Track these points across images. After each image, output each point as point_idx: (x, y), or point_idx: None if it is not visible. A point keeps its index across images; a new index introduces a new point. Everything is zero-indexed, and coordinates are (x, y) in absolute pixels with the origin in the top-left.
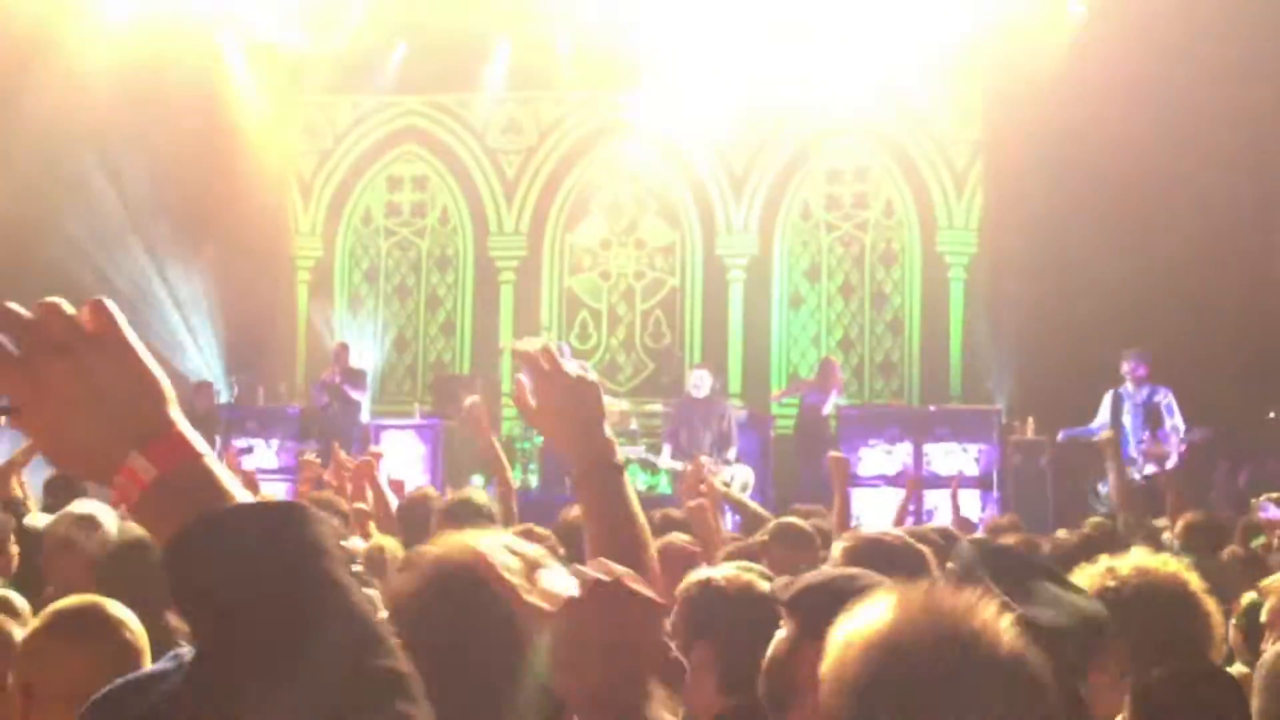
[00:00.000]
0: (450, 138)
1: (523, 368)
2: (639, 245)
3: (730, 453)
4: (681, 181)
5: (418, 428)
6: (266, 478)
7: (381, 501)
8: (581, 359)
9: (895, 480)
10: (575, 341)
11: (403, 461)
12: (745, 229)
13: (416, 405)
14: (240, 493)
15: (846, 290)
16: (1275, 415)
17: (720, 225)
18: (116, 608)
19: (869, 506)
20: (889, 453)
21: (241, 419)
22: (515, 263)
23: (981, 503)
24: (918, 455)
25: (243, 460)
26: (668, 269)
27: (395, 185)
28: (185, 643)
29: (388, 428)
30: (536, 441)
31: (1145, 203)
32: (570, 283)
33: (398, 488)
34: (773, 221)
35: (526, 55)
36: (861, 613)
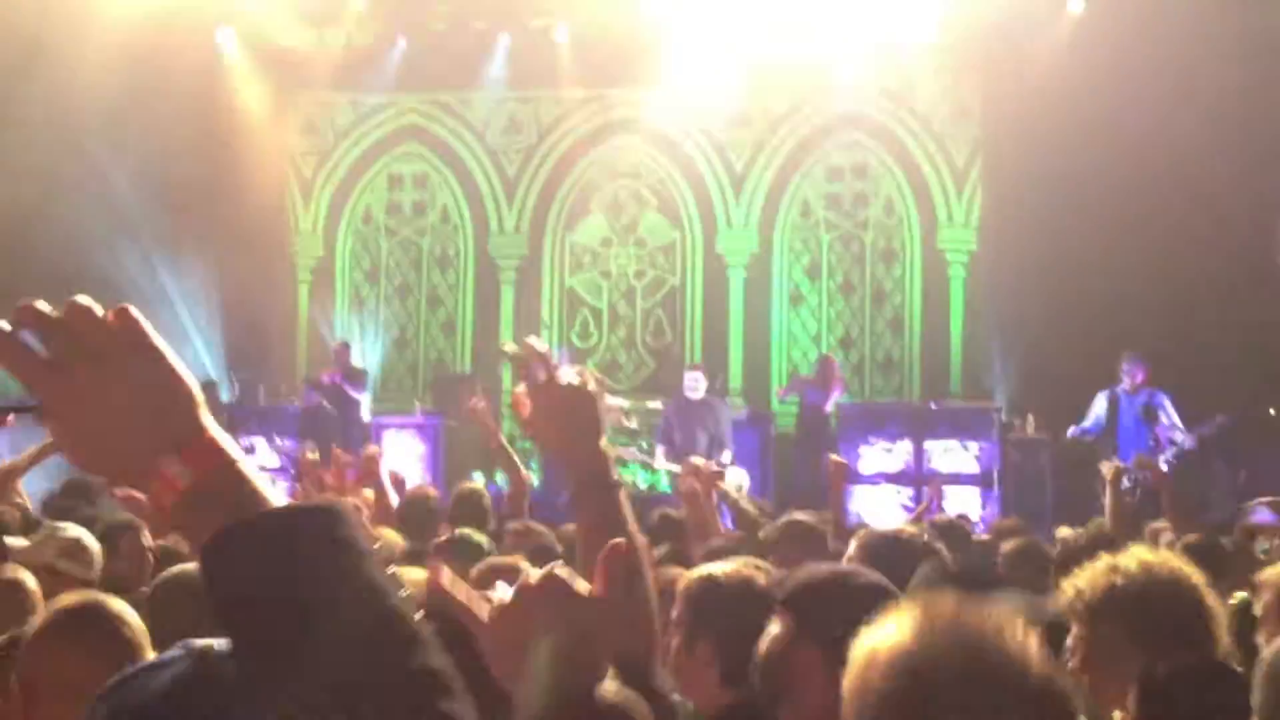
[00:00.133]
0: (451, 136)
1: (519, 375)
2: (639, 244)
3: (725, 455)
4: (682, 180)
5: (418, 426)
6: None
7: (382, 497)
8: (582, 362)
9: (896, 478)
10: (576, 340)
11: (403, 460)
12: (745, 227)
13: (417, 404)
14: (275, 496)
15: (847, 288)
16: (1276, 413)
17: (720, 223)
18: (117, 604)
19: (869, 504)
20: (889, 450)
21: (243, 417)
22: (516, 261)
23: (981, 500)
24: (918, 453)
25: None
26: (668, 267)
27: (396, 184)
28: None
29: (388, 426)
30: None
31: (1145, 200)
32: (571, 281)
33: (398, 482)
34: (773, 219)
35: (527, 53)
36: (884, 629)
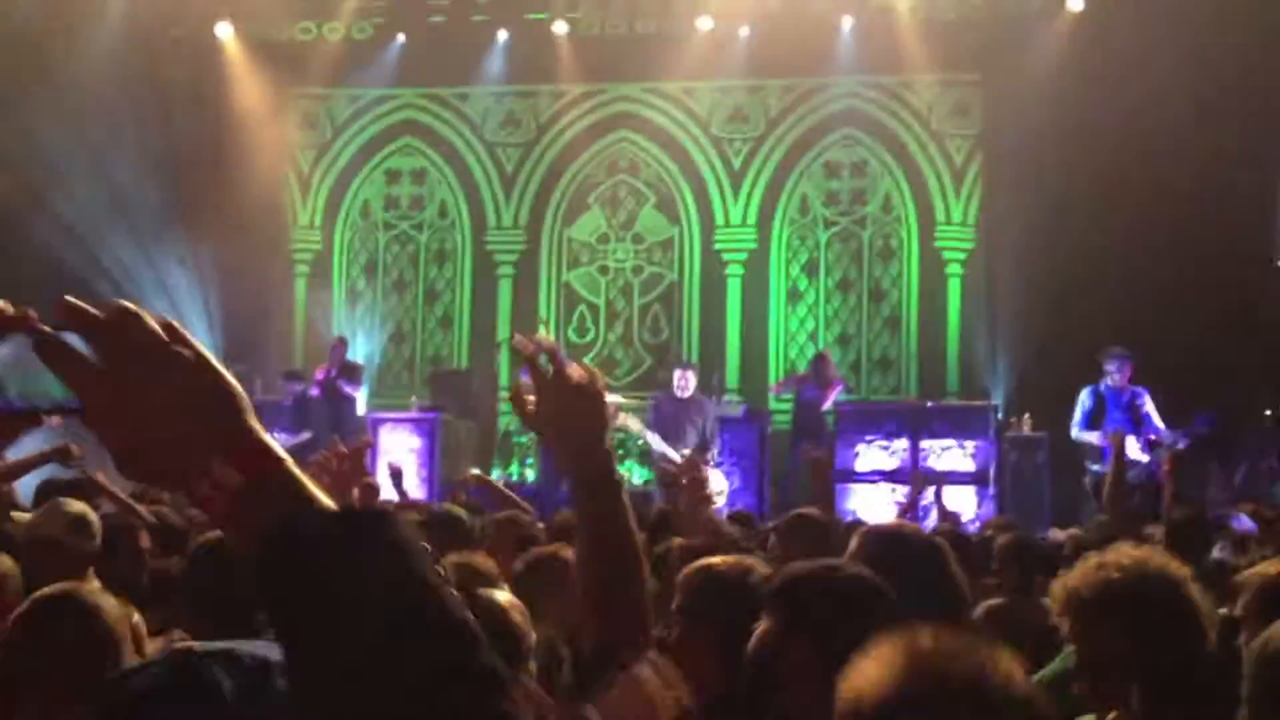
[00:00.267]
0: (449, 131)
1: (524, 368)
2: (637, 240)
3: (710, 454)
4: (680, 176)
5: (415, 421)
6: None
7: (368, 491)
8: (582, 357)
9: (893, 476)
10: (573, 336)
11: (399, 455)
12: (744, 224)
13: (414, 399)
14: (324, 499)
15: (844, 286)
16: (1272, 414)
17: (719, 220)
18: (96, 595)
19: (866, 502)
20: (886, 449)
21: None
22: (514, 257)
23: (978, 499)
24: (914, 451)
25: None
26: (666, 264)
27: (394, 179)
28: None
29: (385, 421)
30: (534, 435)
31: (1143, 199)
32: (568, 277)
33: (396, 474)
34: (771, 217)
35: (525, 49)
36: (871, 666)
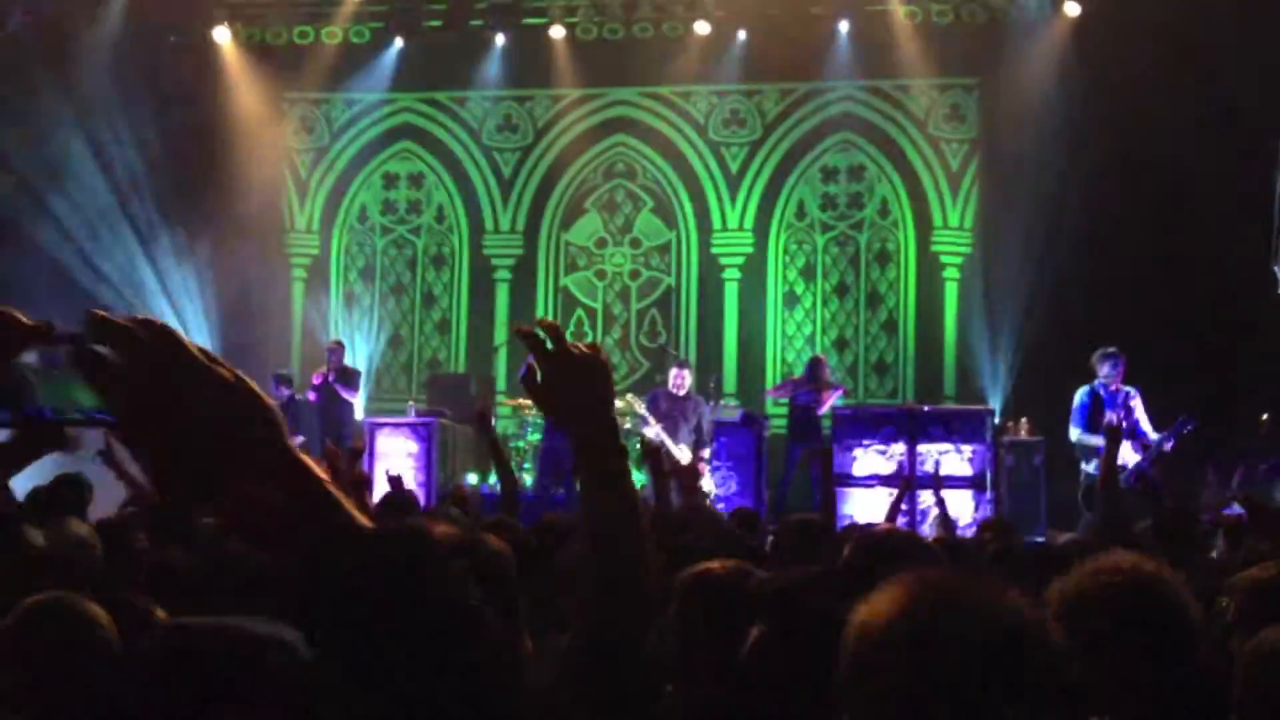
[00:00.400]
0: (446, 135)
1: (530, 351)
2: (635, 244)
3: (705, 452)
4: (677, 180)
5: (412, 425)
6: None
7: (357, 494)
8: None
9: (890, 480)
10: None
11: (396, 460)
12: (741, 228)
13: (411, 403)
14: (361, 518)
15: (841, 290)
16: (1267, 419)
17: (716, 224)
18: (84, 604)
19: (863, 506)
20: (883, 453)
21: None
22: (511, 261)
23: (975, 503)
24: (911, 455)
25: None
26: (663, 268)
27: (391, 183)
28: None
29: (383, 425)
30: (531, 439)
31: (1139, 203)
32: (566, 281)
33: (395, 481)
34: (768, 221)
35: (523, 53)
36: (880, 596)
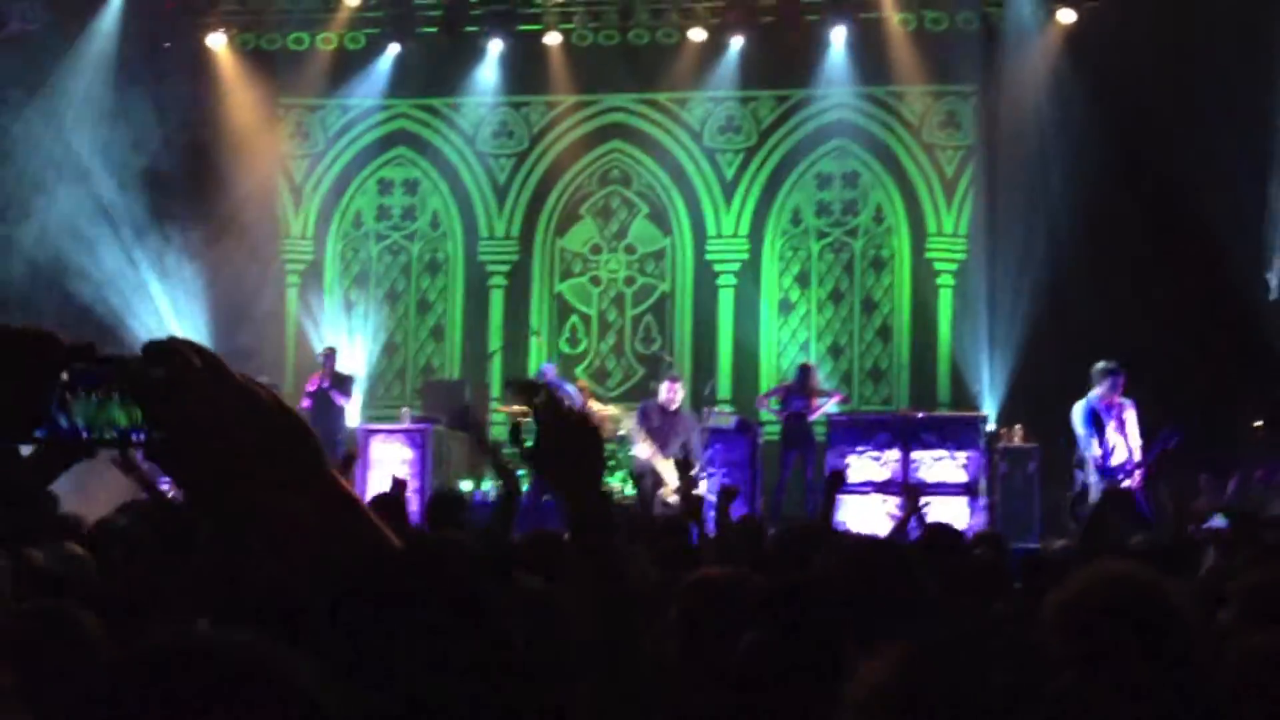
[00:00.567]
0: (441, 142)
1: (533, 414)
2: (629, 250)
3: (694, 471)
4: (672, 187)
5: (407, 432)
6: None
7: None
8: (571, 370)
9: (884, 487)
10: (565, 346)
11: (391, 466)
12: (736, 235)
13: (406, 410)
14: (393, 539)
15: (836, 296)
16: (1262, 425)
17: (711, 231)
18: (76, 611)
19: (858, 513)
20: (877, 459)
21: None
22: (506, 267)
23: (969, 510)
24: (906, 462)
25: None
26: (658, 274)
27: (386, 189)
28: None
29: (377, 432)
30: (525, 445)
31: (1134, 209)
32: (561, 287)
33: (400, 487)
34: (763, 227)
35: (518, 59)
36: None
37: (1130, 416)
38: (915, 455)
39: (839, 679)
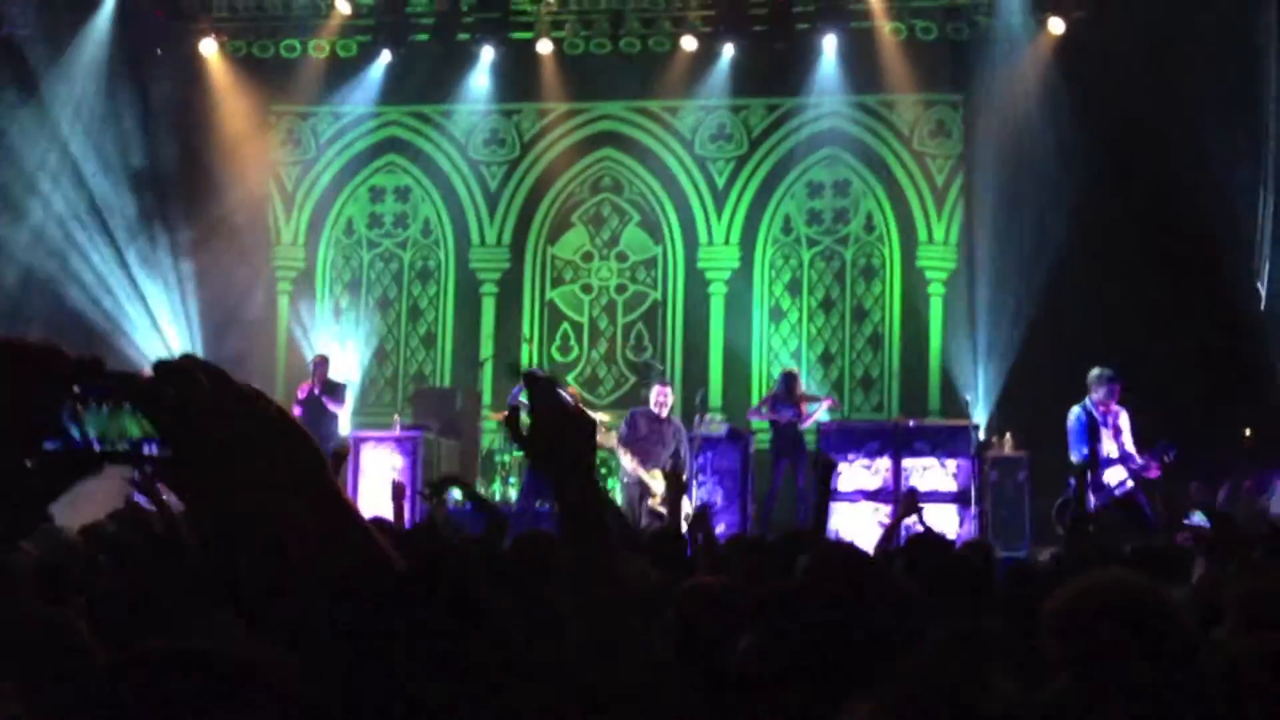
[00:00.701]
0: (433, 149)
1: (516, 388)
2: (621, 258)
3: (683, 478)
4: (663, 195)
5: (397, 440)
6: None
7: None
8: (565, 375)
9: (874, 495)
10: (557, 354)
11: (382, 473)
12: (727, 243)
13: (396, 417)
14: (393, 553)
15: (827, 305)
16: (1251, 434)
17: (702, 239)
18: (71, 619)
19: (849, 521)
20: (868, 468)
21: None
22: (497, 275)
23: (959, 518)
24: (897, 470)
25: None
26: (649, 282)
27: (378, 196)
28: None
29: (367, 439)
30: (517, 454)
31: (1123, 220)
32: (552, 295)
33: (398, 490)
34: (754, 235)
35: (510, 67)
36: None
37: (1124, 423)
38: (906, 463)
39: (833, 682)
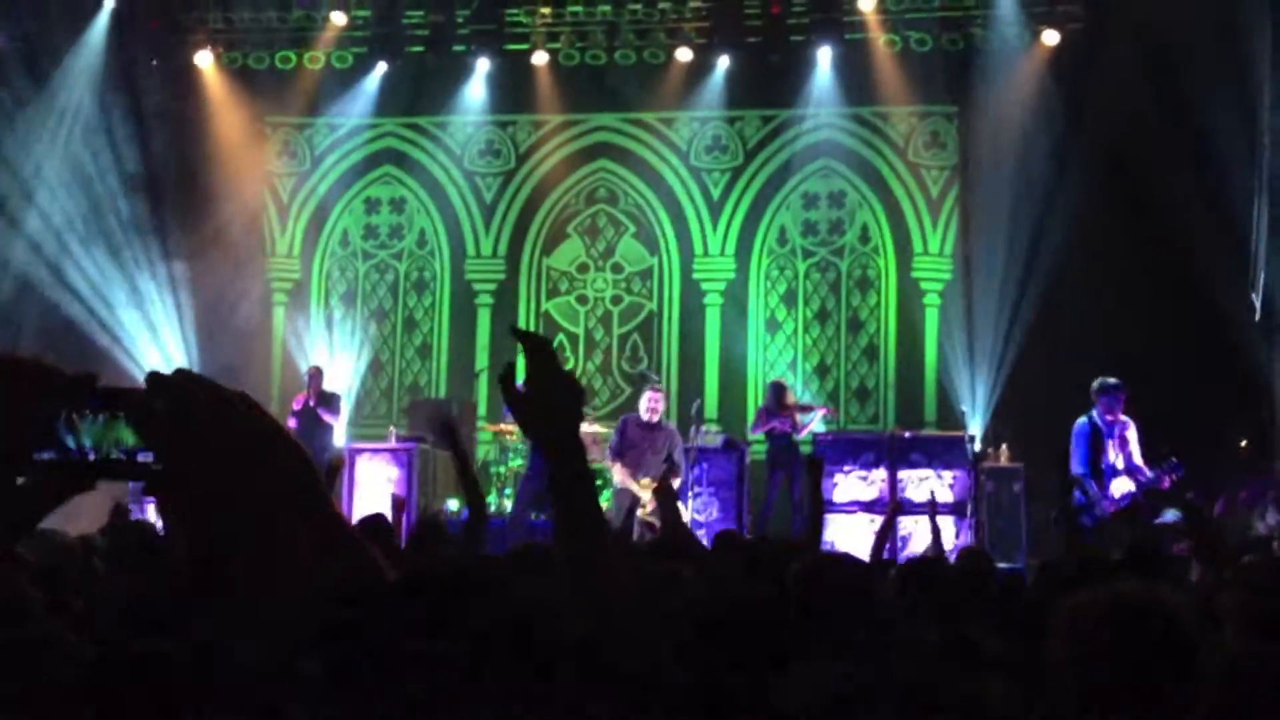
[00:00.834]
0: (428, 160)
1: (523, 349)
2: (616, 269)
3: (675, 483)
4: (659, 206)
5: (393, 451)
6: None
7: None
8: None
9: (870, 506)
10: None
11: (378, 485)
12: (722, 254)
13: (392, 428)
14: (385, 566)
15: (822, 316)
16: (1246, 445)
17: (697, 250)
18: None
19: (844, 532)
20: (864, 479)
21: None
22: (493, 286)
23: (956, 529)
24: (892, 481)
25: None
26: (645, 293)
27: (373, 207)
28: None
29: (363, 451)
30: (512, 465)
31: (1119, 230)
32: (547, 306)
33: (399, 504)
34: (749, 247)
35: (505, 78)
36: None
37: (1132, 435)
38: (902, 474)
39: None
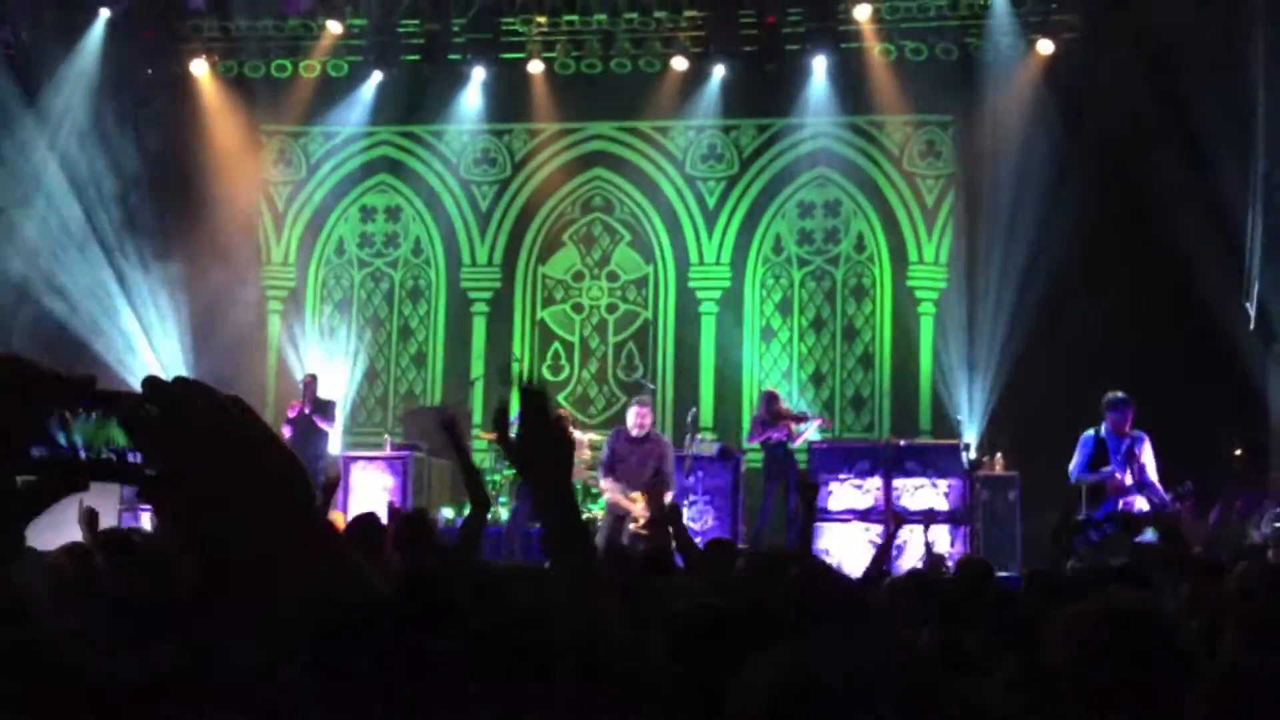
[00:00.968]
0: (424, 169)
1: (520, 400)
2: (612, 277)
3: (666, 497)
4: (654, 214)
5: (388, 459)
6: None
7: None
8: (556, 395)
9: (865, 515)
10: (548, 373)
11: (372, 493)
12: (718, 262)
13: (387, 437)
14: (379, 580)
15: (818, 324)
16: (1241, 454)
17: (693, 258)
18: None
19: (838, 541)
20: (859, 487)
21: None
22: (488, 294)
23: (951, 538)
24: (888, 490)
25: None
26: (640, 301)
27: (368, 216)
28: None
29: (358, 459)
30: (507, 474)
31: (1114, 239)
32: (543, 314)
33: (395, 514)
34: (745, 255)
35: (501, 87)
36: None
37: (1145, 450)
38: (897, 483)
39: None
